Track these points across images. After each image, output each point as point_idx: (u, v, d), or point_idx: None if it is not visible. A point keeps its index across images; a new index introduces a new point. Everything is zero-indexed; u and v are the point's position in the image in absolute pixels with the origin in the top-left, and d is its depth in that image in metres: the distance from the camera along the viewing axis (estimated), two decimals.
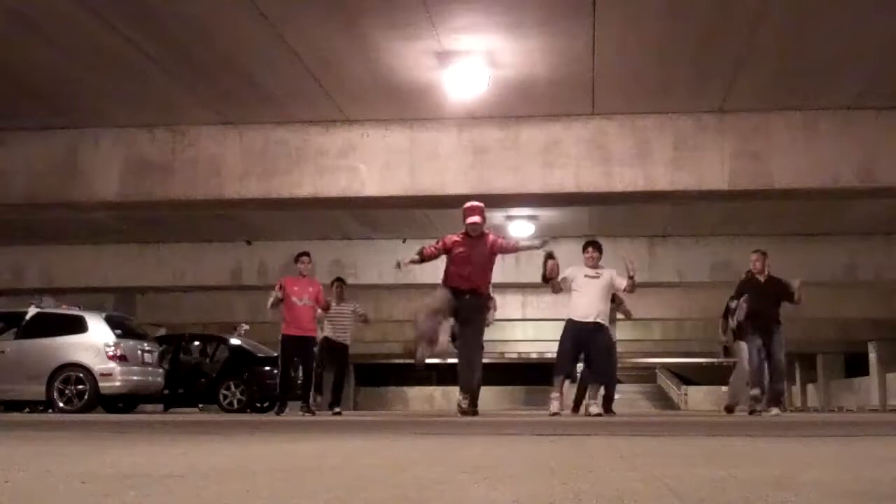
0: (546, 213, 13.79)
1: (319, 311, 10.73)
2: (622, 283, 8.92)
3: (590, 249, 9.10)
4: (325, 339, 11.22)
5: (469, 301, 8.30)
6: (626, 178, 9.45)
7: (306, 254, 10.71)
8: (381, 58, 8.08)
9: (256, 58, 8.10)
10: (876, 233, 15.18)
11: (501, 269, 16.29)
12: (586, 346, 9.01)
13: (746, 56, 8.00)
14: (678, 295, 20.15)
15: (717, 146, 9.37)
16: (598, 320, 8.93)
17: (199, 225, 15.00)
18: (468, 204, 8.40)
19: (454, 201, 10.17)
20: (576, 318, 9.02)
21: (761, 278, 10.28)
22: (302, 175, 9.74)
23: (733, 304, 10.53)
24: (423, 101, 9.14)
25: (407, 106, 9.27)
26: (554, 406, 8.89)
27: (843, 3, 7.07)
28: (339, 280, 11.59)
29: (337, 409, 11.14)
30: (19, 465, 2.43)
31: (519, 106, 9.27)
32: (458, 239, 8.38)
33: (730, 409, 11.36)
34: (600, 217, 13.99)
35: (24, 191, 10.02)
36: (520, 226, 14.49)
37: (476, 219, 8.24)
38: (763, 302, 10.15)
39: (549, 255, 8.82)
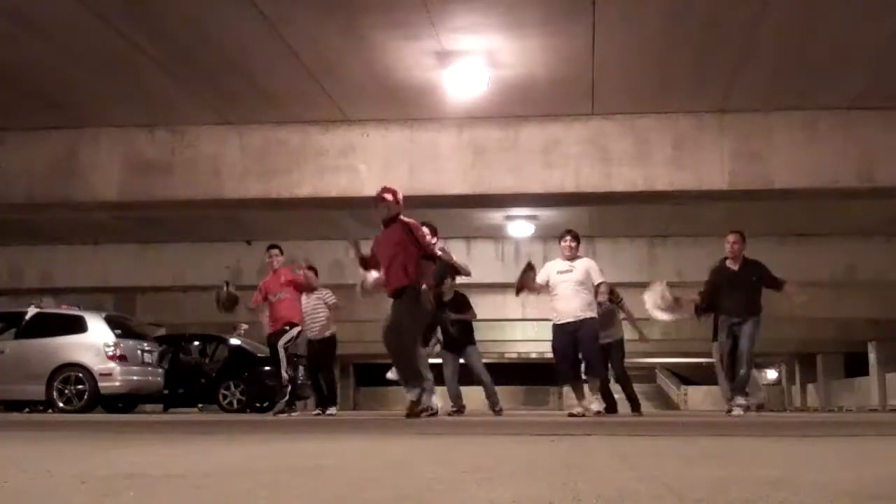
0: (546, 213, 13.79)
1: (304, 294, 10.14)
2: (598, 278, 8.57)
3: (568, 238, 8.60)
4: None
5: (394, 307, 7.59)
6: (625, 178, 9.45)
7: (274, 246, 10.05)
8: (381, 58, 8.07)
9: (256, 58, 8.10)
10: (876, 233, 15.18)
11: (502, 269, 16.37)
12: (576, 344, 8.51)
13: (746, 56, 8.00)
14: (678, 295, 20.11)
15: (717, 146, 9.37)
16: (580, 316, 8.43)
17: (199, 225, 14.99)
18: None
19: (454, 201, 10.19)
20: (558, 322, 8.56)
21: (734, 266, 9.19)
22: (302, 175, 9.73)
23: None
24: (423, 101, 9.13)
25: (407, 106, 9.27)
26: (578, 409, 8.45)
27: (843, 4, 7.07)
28: (309, 269, 10.41)
29: (330, 411, 10.40)
30: (19, 465, 2.42)
31: (519, 106, 9.27)
32: (378, 235, 7.68)
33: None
34: (600, 217, 13.99)
35: (24, 191, 10.02)
36: (520, 226, 14.50)
37: (385, 197, 7.45)
38: (736, 294, 9.08)
39: (530, 267, 8.46)
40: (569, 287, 8.47)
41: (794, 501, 1.58)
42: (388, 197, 7.52)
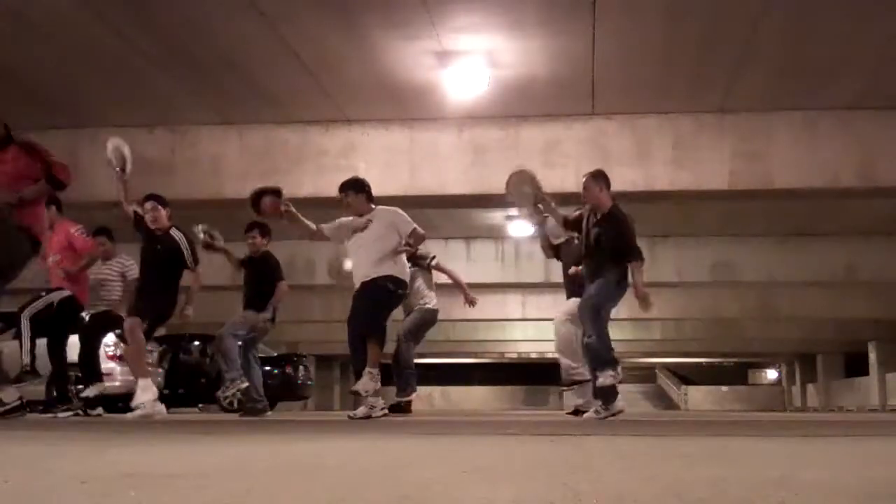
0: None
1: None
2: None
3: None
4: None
5: None
6: (626, 178, 9.45)
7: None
8: (381, 58, 8.08)
9: (256, 58, 8.11)
10: (876, 233, 15.18)
11: (502, 269, 16.36)
12: None
13: (746, 56, 8.00)
14: (678, 295, 20.13)
15: (717, 146, 9.38)
16: None
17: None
18: None
19: (454, 201, 10.20)
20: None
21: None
22: (302, 175, 9.74)
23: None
24: (423, 101, 9.14)
25: (407, 106, 9.28)
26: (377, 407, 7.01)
27: (842, 4, 7.08)
28: (102, 231, 8.76)
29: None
30: (19, 465, 2.42)
31: (519, 106, 9.27)
32: None
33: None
34: None
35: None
36: (520, 226, 14.49)
37: None
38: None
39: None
40: None
41: (794, 501, 1.58)
42: None
